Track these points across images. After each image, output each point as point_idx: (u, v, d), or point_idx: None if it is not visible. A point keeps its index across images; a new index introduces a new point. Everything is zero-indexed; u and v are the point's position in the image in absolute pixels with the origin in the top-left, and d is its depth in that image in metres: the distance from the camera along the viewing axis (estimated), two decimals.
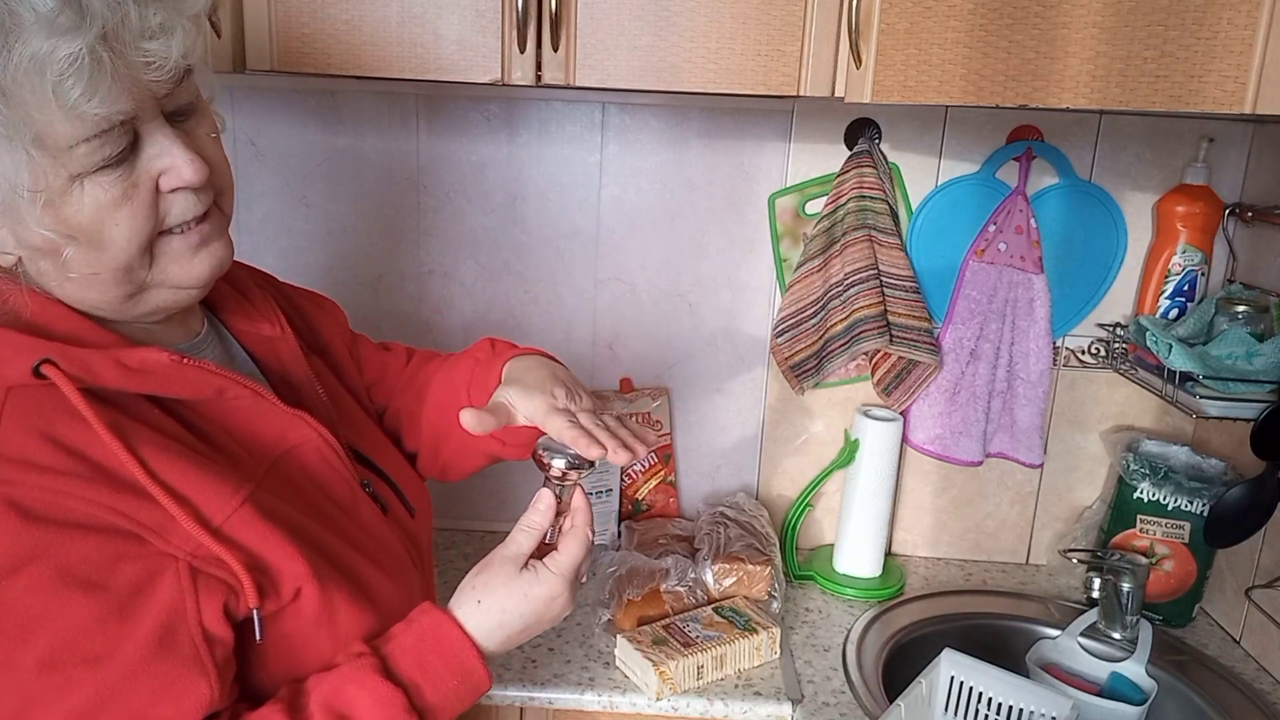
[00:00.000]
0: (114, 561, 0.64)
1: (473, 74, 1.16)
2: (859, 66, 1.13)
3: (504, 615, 0.78)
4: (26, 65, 0.59)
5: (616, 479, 1.55)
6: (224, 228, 0.76)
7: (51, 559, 0.62)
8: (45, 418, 0.64)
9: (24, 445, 0.63)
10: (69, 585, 0.62)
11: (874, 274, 1.43)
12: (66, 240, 0.65)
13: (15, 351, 0.65)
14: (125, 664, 0.63)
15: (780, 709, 1.20)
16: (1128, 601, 1.35)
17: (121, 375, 0.67)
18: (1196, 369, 1.25)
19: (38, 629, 0.61)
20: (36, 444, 0.64)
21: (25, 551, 0.61)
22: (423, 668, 0.74)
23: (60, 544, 0.62)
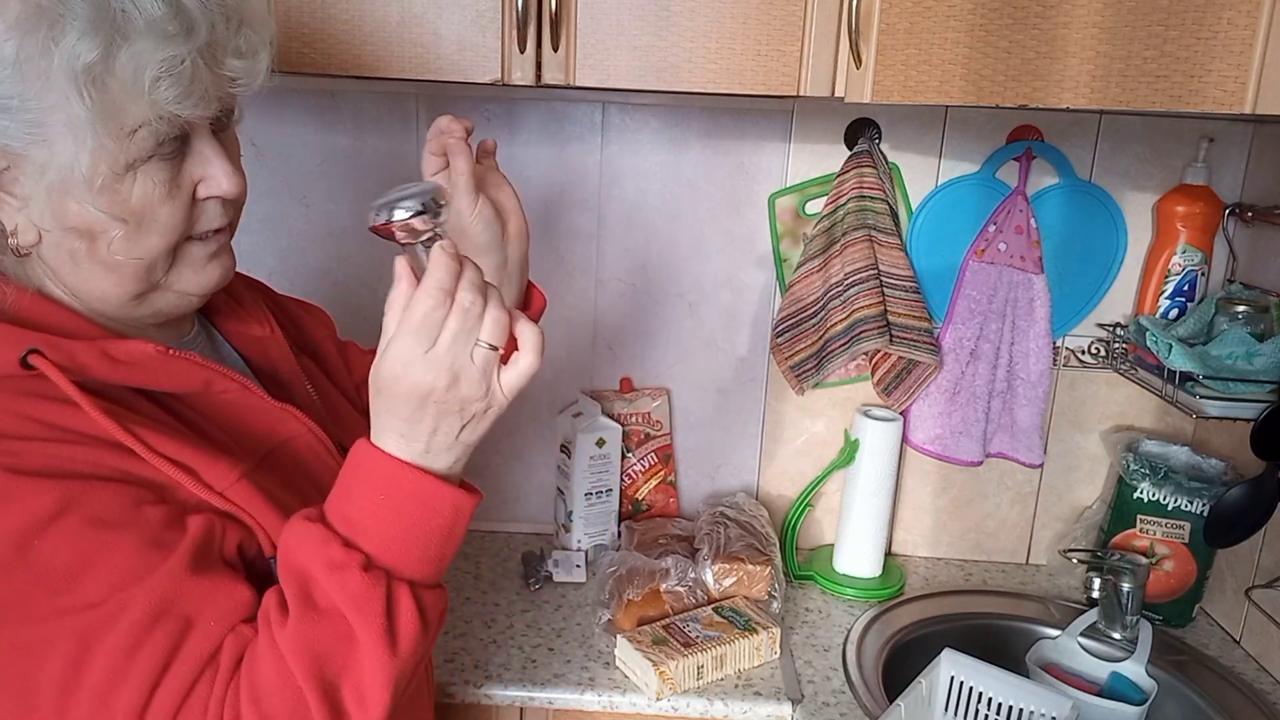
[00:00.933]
0: (137, 504, 0.66)
1: (473, 74, 1.16)
2: (859, 66, 1.13)
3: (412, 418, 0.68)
4: (130, 62, 0.63)
5: (616, 479, 1.55)
6: (230, 240, 0.79)
7: (77, 510, 0.63)
8: (36, 405, 0.66)
9: (19, 426, 0.65)
10: (101, 528, 0.64)
11: (874, 274, 1.43)
12: (117, 222, 0.68)
13: (1, 342, 0.66)
14: (171, 576, 0.65)
15: (780, 709, 1.20)
16: (1128, 601, 1.35)
17: (108, 366, 0.69)
18: (1196, 369, 1.25)
19: (82, 574, 0.63)
20: (32, 425, 0.65)
21: (49, 506, 0.63)
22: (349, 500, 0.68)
23: (81, 494, 0.64)
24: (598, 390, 1.58)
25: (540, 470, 1.61)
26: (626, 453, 1.56)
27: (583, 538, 1.54)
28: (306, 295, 1.01)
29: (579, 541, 1.53)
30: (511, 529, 1.64)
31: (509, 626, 1.34)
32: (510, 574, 1.48)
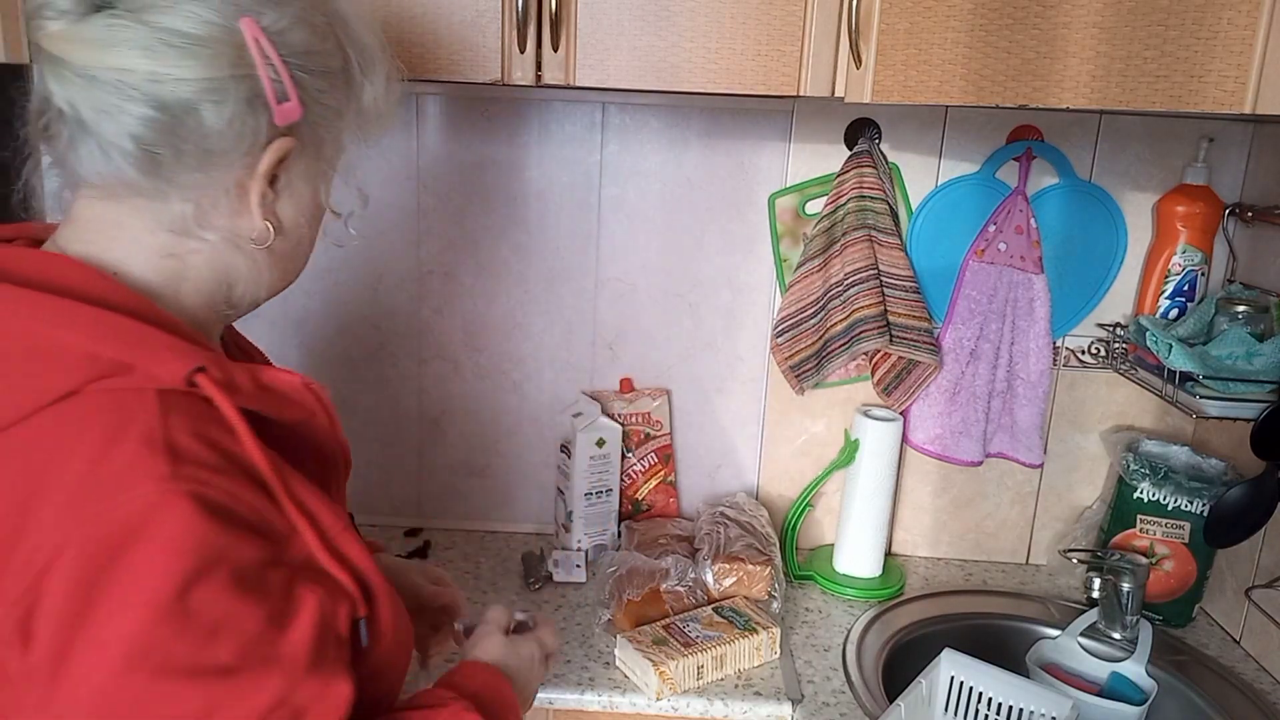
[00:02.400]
0: (268, 566, 0.64)
1: (473, 74, 1.16)
2: (859, 66, 1.13)
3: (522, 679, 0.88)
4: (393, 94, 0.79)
5: (616, 479, 1.55)
6: None
7: (229, 561, 0.61)
8: (200, 422, 0.64)
9: (194, 446, 0.62)
10: (243, 588, 0.61)
11: (874, 274, 1.43)
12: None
13: (174, 355, 0.64)
14: (294, 666, 0.63)
15: (780, 709, 1.20)
16: (1128, 601, 1.35)
17: (254, 391, 0.68)
18: (1196, 369, 1.25)
19: (221, 632, 0.60)
20: (201, 446, 0.63)
21: (214, 553, 0.60)
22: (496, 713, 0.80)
23: (236, 546, 0.61)
24: (598, 390, 1.58)
25: (540, 470, 1.61)
26: (626, 453, 1.56)
27: (583, 538, 1.54)
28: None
29: (579, 541, 1.53)
30: (511, 529, 1.64)
31: None
32: (510, 574, 1.48)
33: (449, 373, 1.58)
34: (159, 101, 0.65)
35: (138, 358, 0.63)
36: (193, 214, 0.69)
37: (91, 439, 0.60)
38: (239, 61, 0.67)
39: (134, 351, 0.63)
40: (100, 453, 0.60)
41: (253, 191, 0.70)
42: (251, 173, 0.70)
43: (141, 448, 0.60)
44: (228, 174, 0.69)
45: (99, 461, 0.59)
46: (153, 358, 0.63)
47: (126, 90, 0.65)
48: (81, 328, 0.63)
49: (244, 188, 0.70)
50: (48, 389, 0.61)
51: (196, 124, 0.66)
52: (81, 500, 0.59)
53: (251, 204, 0.71)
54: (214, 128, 0.67)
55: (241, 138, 0.68)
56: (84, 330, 0.63)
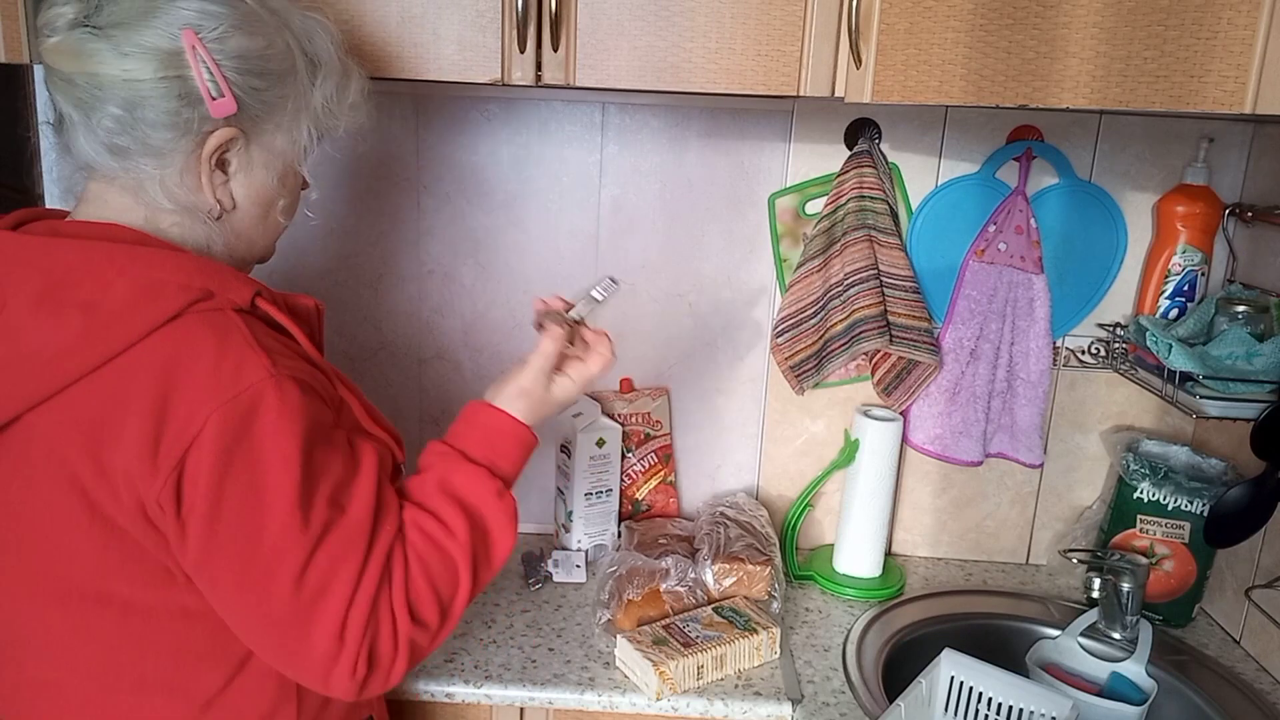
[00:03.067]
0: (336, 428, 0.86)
1: (473, 74, 1.16)
2: (859, 66, 1.13)
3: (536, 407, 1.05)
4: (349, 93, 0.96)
5: (616, 479, 1.55)
6: None
7: (320, 424, 0.83)
8: (266, 329, 0.85)
9: (276, 345, 0.83)
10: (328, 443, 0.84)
11: (874, 274, 1.43)
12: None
13: (241, 283, 0.85)
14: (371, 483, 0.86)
15: (780, 709, 1.20)
16: (1128, 601, 1.35)
17: (289, 314, 0.88)
18: (1196, 369, 1.25)
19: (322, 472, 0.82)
20: (279, 345, 0.84)
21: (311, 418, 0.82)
22: (492, 448, 0.99)
23: (321, 412, 0.84)
24: (598, 390, 1.58)
25: (540, 470, 1.61)
26: (626, 453, 1.56)
27: (583, 538, 1.54)
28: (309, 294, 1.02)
29: (579, 541, 1.53)
30: None
31: (509, 626, 1.34)
32: (510, 574, 1.49)
33: (449, 373, 1.58)
34: (119, 99, 0.81)
35: (217, 286, 0.82)
36: (160, 192, 0.85)
37: (205, 346, 0.79)
38: (175, 64, 0.81)
39: (213, 281, 0.82)
40: (217, 355, 0.78)
41: (202, 174, 0.85)
42: (198, 159, 0.85)
43: (246, 348, 0.80)
44: (178, 158, 0.84)
45: (218, 360, 0.78)
46: (227, 285, 0.83)
47: (94, 91, 0.81)
48: (173, 267, 0.82)
49: (195, 172, 0.85)
50: (159, 314, 0.79)
51: (144, 116, 0.82)
52: (212, 391, 0.77)
53: (203, 184, 0.86)
54: (156, 120, 0.82)
55: (179, 128, 0.83)
56: (176, 269, 0.82)
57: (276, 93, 0.87)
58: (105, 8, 0.81)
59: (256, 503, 0.79)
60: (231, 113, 0.84)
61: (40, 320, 0.78)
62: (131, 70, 0.80)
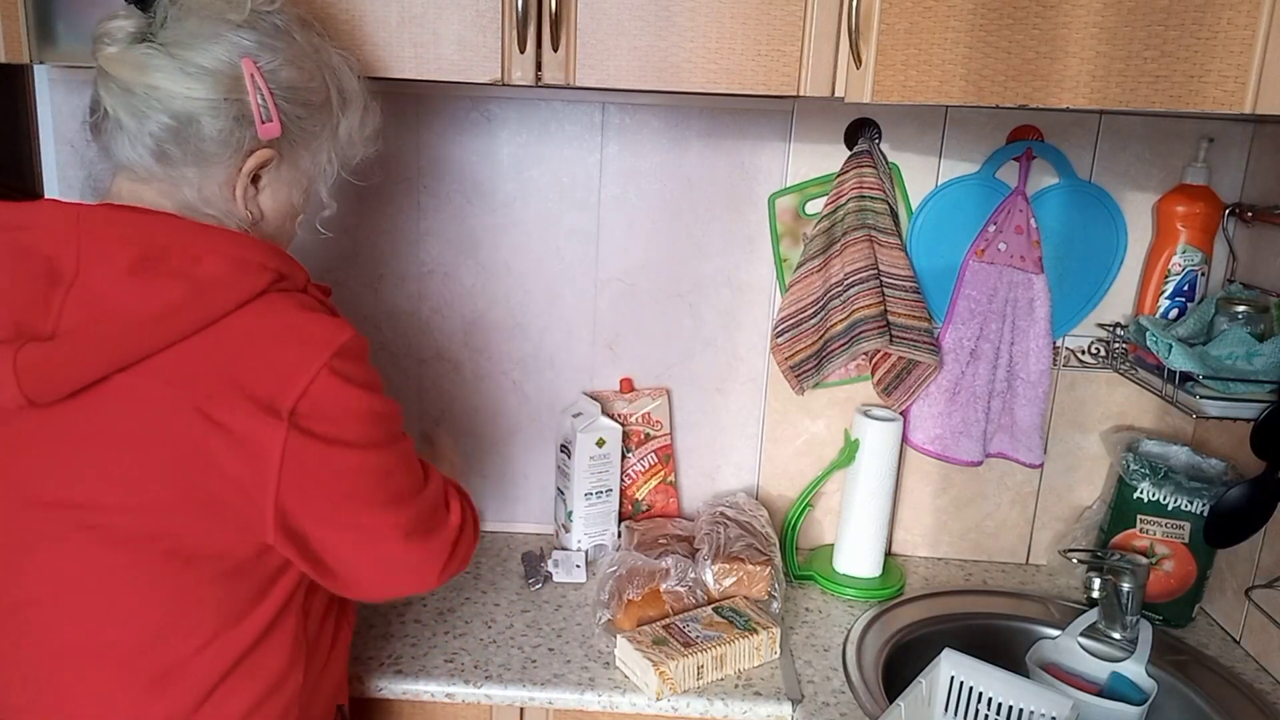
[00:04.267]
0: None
1: (473, 74, 1.16)
2: (859, 66, 1.13)
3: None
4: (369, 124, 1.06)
5: (616, 479, 1.55)
6: None
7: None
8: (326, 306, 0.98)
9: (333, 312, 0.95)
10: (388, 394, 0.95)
11: (874, 274, 1.43)
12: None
13: (298, 270, 0.96)
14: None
15: (780, 709, 1.20)
16: (1128, 601, 1.35)
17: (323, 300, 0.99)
18: (1196, 369, 1.25)
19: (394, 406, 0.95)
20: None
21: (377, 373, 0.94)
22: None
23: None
24: (598, 390, 1.58)
25: (540, 470, 1.61)
26: (626, 453, 1.56)
27: (583, 538, 1.54)
28: None
29: (579, 541, 1.53)
30: (511, 529, 1.64)
31: (509, 626, 1.34)
32: (510, 574, 1.49)
33: (449, 373, 1.58)
34: (173, 112, 0.88)
35: (286, 271, 0.92)
36: (196, 197, 0.91)
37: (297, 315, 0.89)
38: (235, 88, 0.89)
39: (284, 265, 0.92)
40: (308, 320, 0.89)
41: (238, 186, 0.93)
42: (238, 172, 0.92)
43: (327, 316, 0.91)
44: (220, 170, 0.91)
45: (312, 324, 0.89)
46: (293, 269, 0.94)
47: (151, 102, 0.87)
48: (255, 249, 0.90)
49: (233, 183, 0.93)
50: (250, 289, 0.87)
51: (197, 131, 0.89)
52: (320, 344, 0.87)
53: (237, 195, 0.93)
54: (210, 135, 0.89)
55: (229, 145, 0.90)
56: (258, 250, 0.90)
57: (313, 122, 0.97)
58: (170, 27, 0.88)
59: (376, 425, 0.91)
60: (276, 136, 0.93)
61: (138, 286, 0.83)
62: (194, 90, 0.87)
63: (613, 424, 1.53)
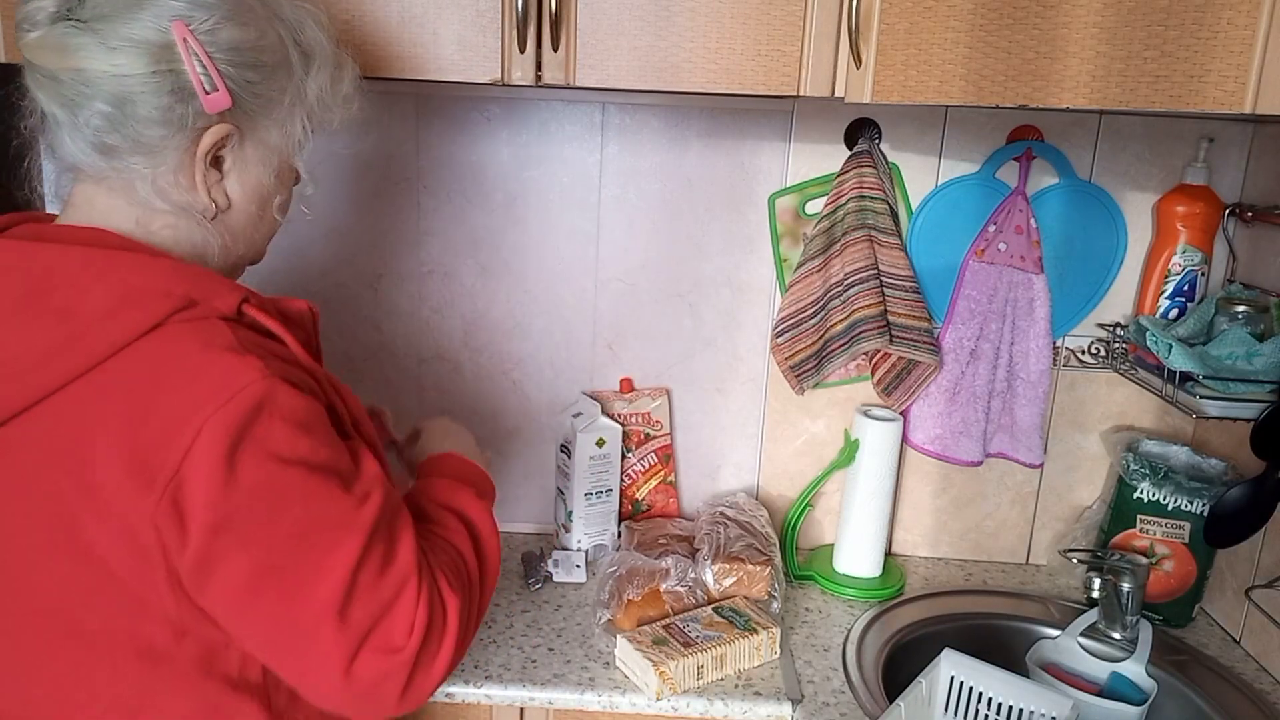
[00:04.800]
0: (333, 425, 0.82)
1: (473, 74, 1.16)
2: (859, 66, 1.13)
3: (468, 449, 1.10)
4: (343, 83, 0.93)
5: (616, 479, 1.55)
6: None
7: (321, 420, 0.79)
8: (255, 336, 0.80)
9: (264, 352, 0.78)
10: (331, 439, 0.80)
11: (874, 274, 1.43)
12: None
13: (227, 290, 0.80)
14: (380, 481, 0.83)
15: (780, 709, 1.20)
16: (1128, 601, 1.35)
17: (281, 319, 0.83)
18: (1196, 369, 1.25)
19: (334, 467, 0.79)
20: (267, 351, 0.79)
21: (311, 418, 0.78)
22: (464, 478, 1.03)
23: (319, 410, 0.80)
24: (598, 390, 1.58)
25: (540, 470, 1.61)
26: (626, 453, 1.56)
27: (583, 538, 1.54)
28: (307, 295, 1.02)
29: (579, 541, 1.53)
30: (511, 529, 1.64)
31: (509, 626, 1.34)
32: (510, 574, 1.48)
33: (449, 373, 1.58)
34: (107, 95, 0.77)
35: (201, 294, 0.78)
36: (152, 192, 0.81)
37: (189, 354, 0.74)
38: (168, 57, 0.78)
39: (197, 289, 0.78)
40: (202, 362, 0.74)
41: (196, 172, 0.82)
42: (193, 157, 0.82)
43: (235, 354, 0.75)
44: (171, 156, 0.81)
45: (204, 368, 0.74)
46: (212, 292, 0.79)
47: (80, 88, 0.77)
48: (155, 273, 0.78)
49: (190, 170, 0.82)
50: (140, 323, 0.75)
51: (134, 113, 0.78)
52: (201, 398, 0.72)
53: (198, 183, 0.83)
54: (148, 116, 0.78)
55: (172, 125, 0.79)
56: (157, 275, 0.77)
57: (271, 86, 0.85)
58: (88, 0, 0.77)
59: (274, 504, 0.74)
60: (226, 107, 0.81)
61: (18, 326, 0.74)
62: (120, 65, 0.76)
63: (613, 424, 1.53)
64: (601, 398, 1.55)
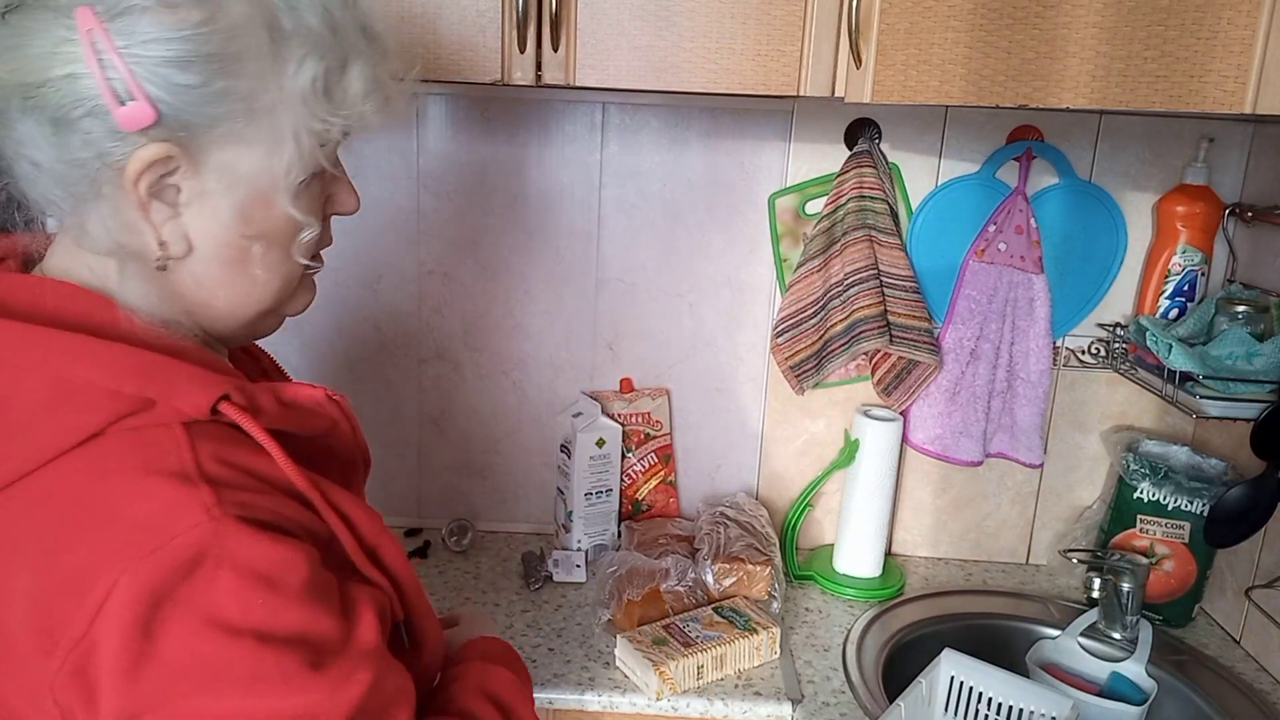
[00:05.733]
0: (323, 569, 0.63)
1: (473, 74, 1.16)
2: (859, 66, 1.13)
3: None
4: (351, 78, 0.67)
5: (616, 479, 1.55)
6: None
7: (290, 573, 0.60)
8: (228, 447, 0.62)
9: (229, 474, 0.61)
10: (308, 594, 0.61)
11: (874, 274, 1.43)
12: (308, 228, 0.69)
13: (196, 386, 0.62)
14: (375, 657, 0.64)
15: (780, 709, 1.20)
16: (1128, 601, 1.35)
17: (278, 410, 0.66)
18: (1196, 369, 1.25)
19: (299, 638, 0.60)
20: (236, 472, 0.62)
21: (275, 568, 0.59)
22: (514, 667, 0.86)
23: (292, 557, 0.60)
24: (598, 390, 1.58)
25: (540, 470, 1.61)
26: (626, 453, 1.56)
27: (583, 538, 1.54)
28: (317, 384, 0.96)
29: (579, 541, 1.53)
30: (511, 529, 1.64)
31: (509, 626, 1.34)
32: (510, 574, 1.48)
33: (449, 373, 1.58)
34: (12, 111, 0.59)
35: (160, 391, 0.60)
36: (100, 234, 0.62)
37: (126, 481, 0.58)
38: (63, 59, 0.57)
39: (156, 385, 0.60)
40: (139, 493, 0.57)
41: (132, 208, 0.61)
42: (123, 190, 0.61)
43: (181, 483, 0.58)
44: (90, 189, 0.61)
45: (134, 500, 0.57)
46: (175, 390, 0.61)
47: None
48: (101, 365, 0.60)
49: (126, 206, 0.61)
50: (72, 431, 0.59)
51: (22, 140, 0.60)
52: (129, 542, 0.56)
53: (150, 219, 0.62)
54: (41, 142, 0.59)
55: (67, 155, 0.60)
56: (103, 367, 0.60)
57: (225, 92, 0.61)
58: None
59: (208, 688, 0.57)
60: (148, 124, 0.59)
61: None
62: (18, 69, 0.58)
63: (613, 424, 1.53)
64: (601, 398, 1.55)
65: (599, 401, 1.54)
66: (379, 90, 0.70)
